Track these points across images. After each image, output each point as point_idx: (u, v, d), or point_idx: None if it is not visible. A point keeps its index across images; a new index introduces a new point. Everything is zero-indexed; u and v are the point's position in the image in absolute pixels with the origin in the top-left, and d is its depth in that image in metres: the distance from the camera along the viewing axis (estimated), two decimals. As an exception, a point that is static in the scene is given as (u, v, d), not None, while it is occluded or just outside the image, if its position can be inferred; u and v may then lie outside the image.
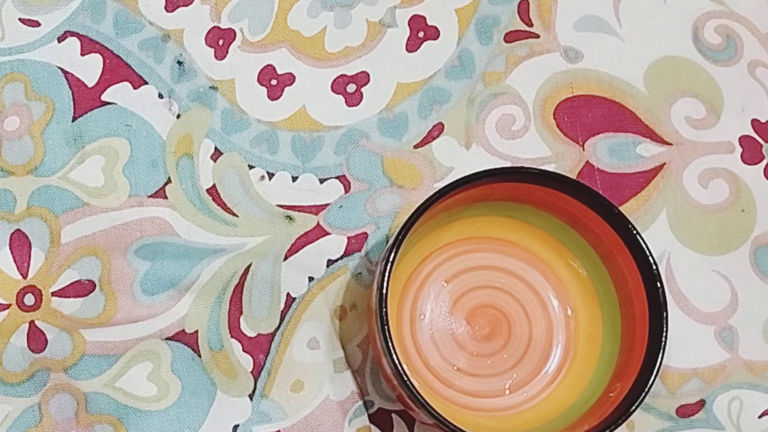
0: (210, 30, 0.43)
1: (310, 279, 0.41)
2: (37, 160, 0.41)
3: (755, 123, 0.44)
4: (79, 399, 0.39)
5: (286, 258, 0.41)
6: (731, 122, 0.43)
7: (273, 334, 0.40)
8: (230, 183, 0.42)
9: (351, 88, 0.43)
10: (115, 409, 0.39)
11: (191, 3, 0.43)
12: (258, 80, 0.43)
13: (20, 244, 0.41)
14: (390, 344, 0.35)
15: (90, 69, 0.42)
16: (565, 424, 0.37)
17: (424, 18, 0.43)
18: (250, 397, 0.40)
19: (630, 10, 0.44)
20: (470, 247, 0.40)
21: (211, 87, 0.42)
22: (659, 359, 0.35)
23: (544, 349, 0.40)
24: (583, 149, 0.43)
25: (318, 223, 0.41)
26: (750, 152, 0.43)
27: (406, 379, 0.35)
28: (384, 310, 0.35)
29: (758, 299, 0.42)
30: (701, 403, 0.41)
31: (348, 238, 0.41)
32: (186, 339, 0.40)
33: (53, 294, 0.40)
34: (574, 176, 0.42)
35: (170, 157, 0.42)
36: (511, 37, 0.43)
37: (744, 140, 0.43)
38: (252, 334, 0.40)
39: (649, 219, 0.42)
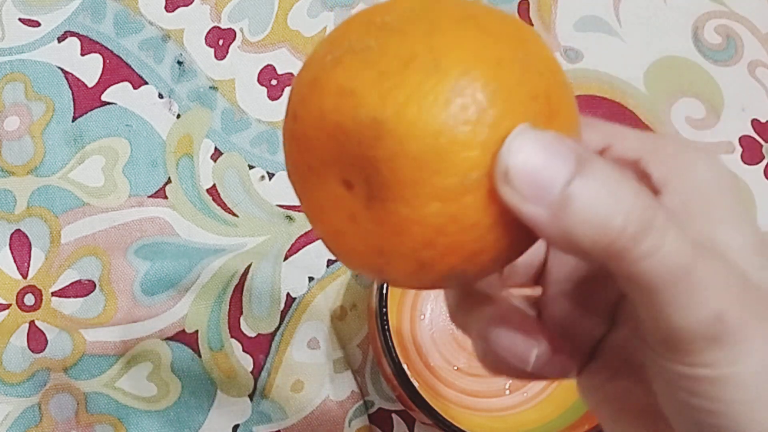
0: (210, 30, 0.43)
1: (310, 279, 0.41)
2: (37, 160, 0.41)
3: (755, 123, 0.44)
4: (79, 399, 0.39)
5: (286, 258, 0.41)
6: (731, 122, 0.43)
7: (273, 334, 0.40)
8: (230, 183, 0.42)
9: (351, 88, 0.43)
10: (115, 409, 0.39)
11: (191, 3, 0.43)
12: (258, 80, 0.43)
13: (20, 244, 0.41)
14: (390, 344, 0.35)
15: (90, 69, 0.42)
16: (565, 424, 0.37)
17: (424, 18, 0.43)
18: (250, 397, 0.40)
19: (630, 10, 0.44)
20: (470, 247, 0.40)
21: (211, 87, 0.42)
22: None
23: (544, 349, 0.40)
24: (583, 149, 0.43)
25: (318, 223, 0.41)
26: (750, 152, 0.43)
27: (406, 379, 0.35)
28: (384, 310, 0.35)
29: (758, 299, 0.42)
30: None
31: (348, 238, 0.41)
32: (186, 339, 0.40)
33: (53, 294, 0.40)
34: (574, 176, 0.42)
35: (170, 157, 0.42)
36: (511, 37, 0.43)
37: (744, 140, 0.43)
38: (252, 334, 0.40)
39: (649, 219, 0.42)
